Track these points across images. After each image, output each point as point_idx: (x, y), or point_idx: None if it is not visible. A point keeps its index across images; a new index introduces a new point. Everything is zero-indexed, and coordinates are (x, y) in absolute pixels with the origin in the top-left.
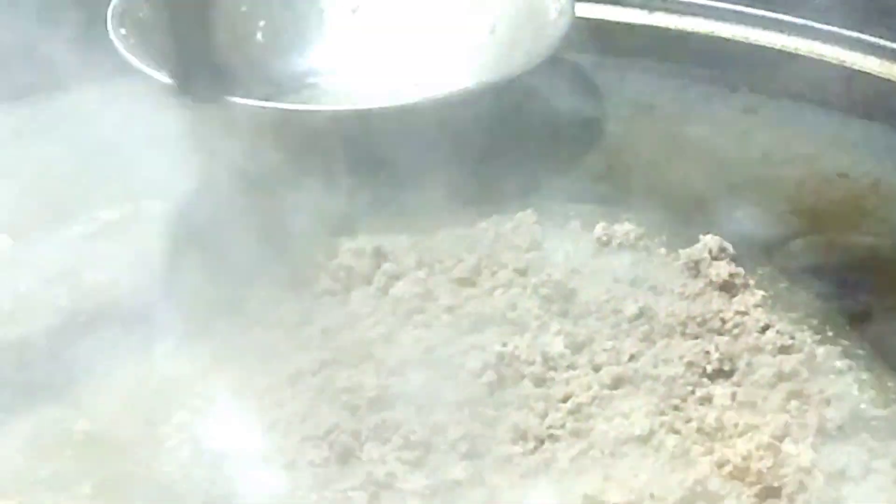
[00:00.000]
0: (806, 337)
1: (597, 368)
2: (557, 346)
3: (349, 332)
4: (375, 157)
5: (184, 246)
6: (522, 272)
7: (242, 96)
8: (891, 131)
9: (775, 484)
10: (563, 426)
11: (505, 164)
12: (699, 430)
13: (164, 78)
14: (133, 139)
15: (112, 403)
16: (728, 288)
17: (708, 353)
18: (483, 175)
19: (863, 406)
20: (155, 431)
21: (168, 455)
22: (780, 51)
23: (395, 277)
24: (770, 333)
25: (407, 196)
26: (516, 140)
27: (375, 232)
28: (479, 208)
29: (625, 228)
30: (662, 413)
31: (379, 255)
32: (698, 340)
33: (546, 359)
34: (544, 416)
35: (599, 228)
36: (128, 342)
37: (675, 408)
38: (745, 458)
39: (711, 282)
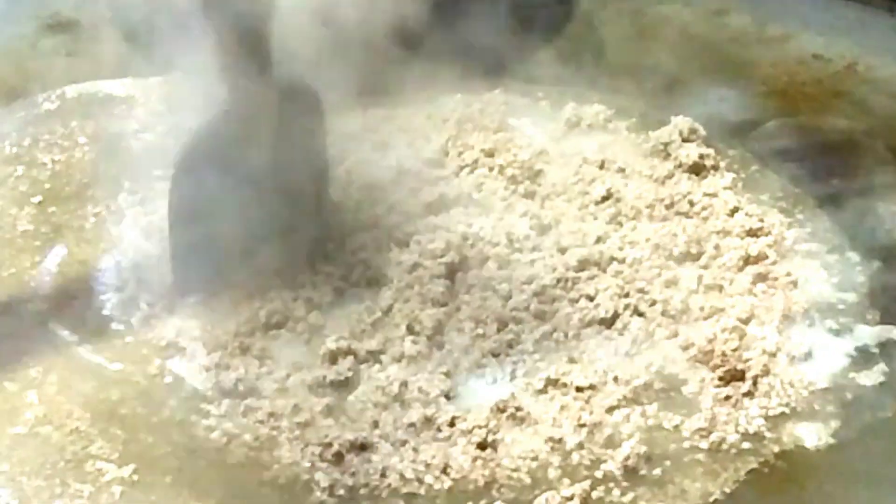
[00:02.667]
0: (775, 220)
1: (562, 250)
2: (523, 227)
3: None
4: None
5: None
6: (489, 153)
7: None
8: (868, 11)
9: (739, 367)
10: (526, 308)
11: (473, 43)
12: (664, 312)
13: None
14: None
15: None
16: (697, 170)
17: (675, 235)
18: (450, 54)
19: (830, 289)
20: None
21: None
22: None
23: (362, 159)
24: (739, 216)
25: (373, 75)
26: (484, 18)
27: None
28: (446, 88)
29: (594, 110)
30: (627, 295)
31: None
32: (666, 223)
33: (511, 240)
34: (508, 297)
35: (569, 109)
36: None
37: (641, 290)
38: (709, 341)
39: (681, 164)
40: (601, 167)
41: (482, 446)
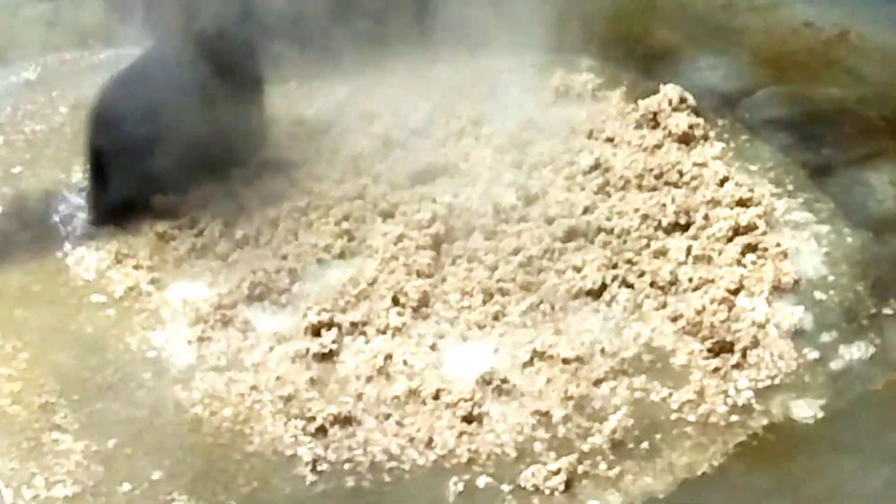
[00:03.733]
0: (765, 190)
1: (549, 221)
2: (509, 197)
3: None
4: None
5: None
6: (476, 122)
7: None
8: None
9: (728, 338)
10: (513, 279)
11: (460, 8)
12: (653, 284)
13: None
14: None
15: None
16: (687, 139)
17: (664, 205)
18: (437, 20)
19: (820, 260)
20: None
21: None
22: None
23: (348, 128)
24: (728, 186)
25: (361, 43)
26: None
27: (329, 78)
28: (434, 56)
29: (583, 78)
30: (615, 266)
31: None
32: (654, 193)
33: (497, 210)
34: (494, 268)
35: (557, 78)
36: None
37: (629, 261)
38: (698, 313)
39: (670, 133)
40: (589, 136)
41: (467, 419)
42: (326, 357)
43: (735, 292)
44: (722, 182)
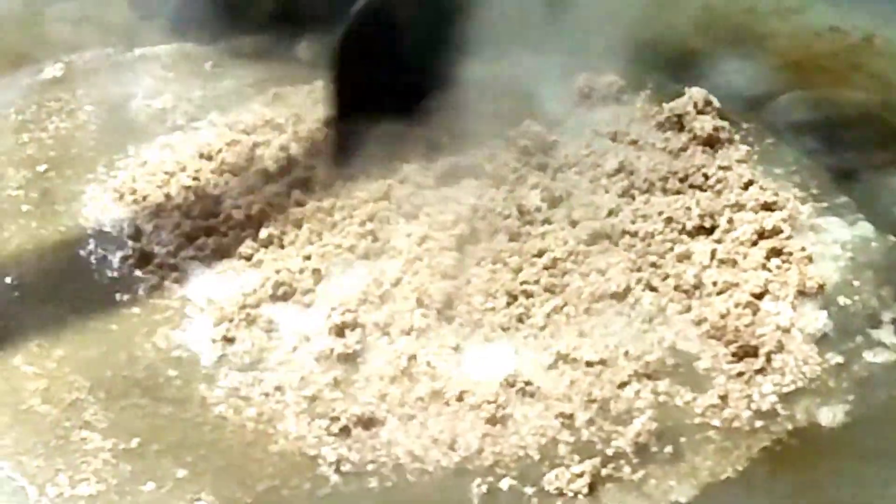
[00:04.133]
0: (790, 194)
1: (574, 223)
2: (534, 199)
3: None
4: None
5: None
6: (501, 123)
7: None
8: None
9: (753, 343)
10: (537, 282)
11: (484, 12)
12: (677, 287)
13: None
14: None
15: None
16: (712, 142)
17: (688, 209)
18: (460, 23)
19: (844, 265)
20: None
21: None
22: None
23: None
24: (753, 189)
25: None
26: None
27: None
28: (458, 57)
29: (608, 80)
30: (639, 270)
31: None
32: (679, 196)
33: (522, 212)
34: (518, 270)
35: (582, 80)
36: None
37: (653, 265)
38: (722, 317)
39: (695, 136)
40: (614, 139)
41: (491, 421)
42: (350, 357)
43: (759, 296)
44: (746, 185)
